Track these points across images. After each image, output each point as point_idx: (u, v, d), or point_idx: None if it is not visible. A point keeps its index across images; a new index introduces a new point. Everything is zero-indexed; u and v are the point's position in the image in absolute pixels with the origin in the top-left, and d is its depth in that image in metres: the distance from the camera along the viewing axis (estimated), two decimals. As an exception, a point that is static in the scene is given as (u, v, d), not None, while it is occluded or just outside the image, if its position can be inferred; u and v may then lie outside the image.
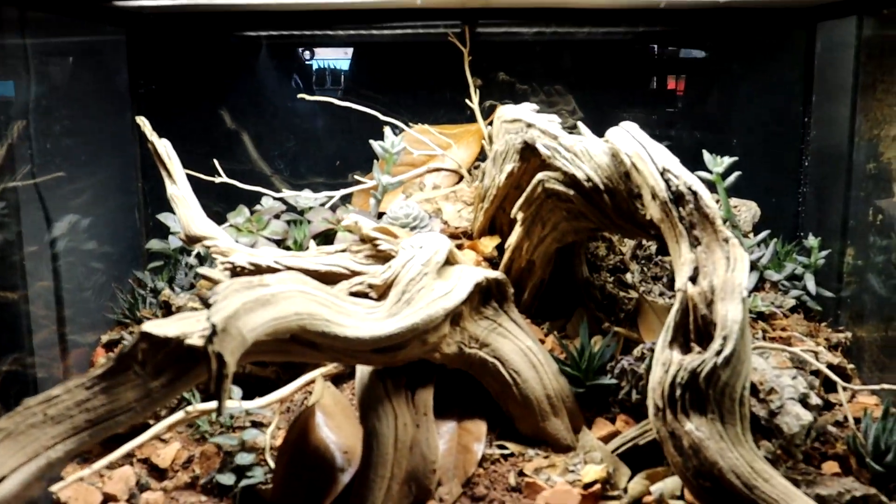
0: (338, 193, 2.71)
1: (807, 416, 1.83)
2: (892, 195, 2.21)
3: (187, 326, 1.49)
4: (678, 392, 1.61)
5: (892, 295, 2.20)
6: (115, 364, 1.48)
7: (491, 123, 2.51)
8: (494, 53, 2.79)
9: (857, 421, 1.97)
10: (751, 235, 2.55)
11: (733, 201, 2.57)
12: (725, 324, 1.61)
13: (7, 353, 2.05)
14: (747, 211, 2.60)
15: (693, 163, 2.34)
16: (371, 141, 2.58)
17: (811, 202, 2.72)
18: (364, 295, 1.88)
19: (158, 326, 1.47)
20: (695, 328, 1.67)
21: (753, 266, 2.46)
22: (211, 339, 1.39)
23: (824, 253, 2.46)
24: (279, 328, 1.56)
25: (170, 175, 2.20)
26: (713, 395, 1.59)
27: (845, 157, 2.43)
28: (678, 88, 2.83)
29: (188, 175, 2.30)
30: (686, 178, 1.81)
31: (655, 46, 2.83)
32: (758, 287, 2.49)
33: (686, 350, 1.66)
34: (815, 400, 1.92)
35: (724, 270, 1.69)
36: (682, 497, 1.77)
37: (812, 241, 2.46)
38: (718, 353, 1.58)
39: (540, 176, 2.12)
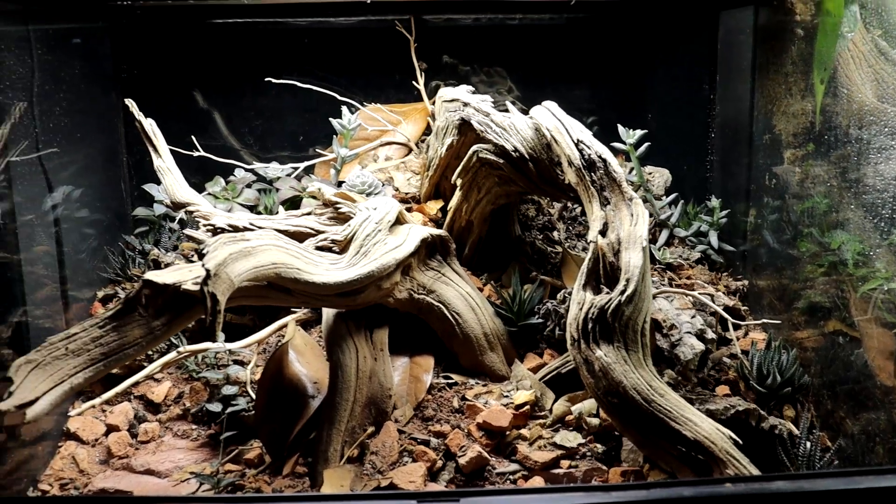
0: (302, 165, 2.75)
1: (700, 346, 2.03)
2: (783, 162, 2.32)
3: (181, 276, 1.66)
4: (590, 325, 1.77)
5: (783, 248, 2.31)
6: (122, 307, 1.64)
7: (435, 103, 2.60)
8: (439, 38, 2.83)
9: (747, 353, 2.13)
10: (663, 198, 2.64)
11: (648, 168, 2.70)
12: (629, 269, 1.78)
13: (17, 306, 2.10)
14: (660, 177, 2.70)
15: (614, 136, 2.50)
16: (331, 119, 2.64)
17: (717, 169, 2.78)
18: (328, 249, 2.03)
19: (158, 276, 1.64)
20: (604, 273, 1.83)
21: (664, 224, 2.58)
22: (206, 282, 1.56)
23: (725, 212, 2.56)
24: (259, 275, 1.72)
25: (156, 150, 2.28)
26: (618, 327, 1.76)
27: (746, 129, 2.50)
28: (600, 70, 2.87)
29: (170, 150, 2.35)
30: (597, 148, 1.96)
31: (579, 33, 2.86)
32: (668, 242, 2.59)
33: (597, 291, 1.81)
34: (710, 335, 2.11)
35: (628, 225, 1.85)
36: (597, 415, 1.93)
37: (714, 202, 2.58)
38: (622, 292, 1.75)
39: (475, 147, 2.24)
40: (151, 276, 1.66)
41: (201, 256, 1.65)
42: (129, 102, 2.30)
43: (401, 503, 1.40)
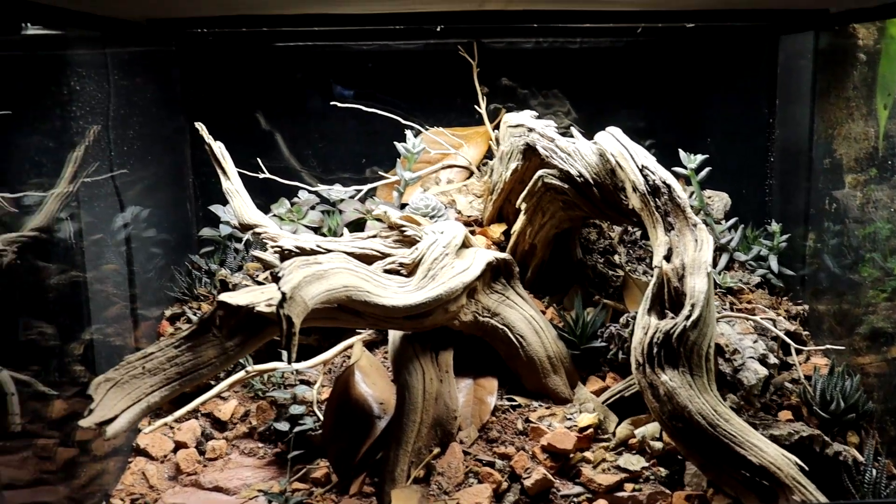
0: (366, 187, 2.82)
1: (763, 371, 2.03)
2: (844, 186, 2.32)
3: (255, 297, 1.70)
4: (655, 350, 1.79)
5: (843, 272, 2.31)
6: (197, 327, 1.69)
7: (497, 126, 2.65)
8: (498, 61, 2.87)
9: (809, 378, 2.14)
10: (722, 222, 2.66)
11: (707, 192, 2.70)
12: (693, 294, 1.80)
13: (88, 324, 2.14)
14: (720, 201, 2.72)
15: (673, 159, 2.51)
16: (395, 143, 2.68)
17: (776, 193, 2.78)
18: (395, 272, 2.05)
19: (232, 297, 1.69)
20: (669, 298, 1.85)
21: (724, 248, 2.60)
22: (282, 305, 1.59)
23: (785, 237, 2.57)
24: (331, 298, 1.76)
25: (224, 172, 2.35)
26: (683, 352, 1.77)
27: (805, 154, 2.51)
28: (659, 94, 2.90)
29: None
30: (661, 174, 1.98)
31: (639, 57, 2.90)
32: (728, 266, 2.61)
33: (662, 316, 1.83)
34: (772, 360, 2.12)
35: (693, 250, 1.87)
36: (660, 438, 1.95)
37: (775, 226, 2.58)
38: (688, 317, 1.76)
39: (540, 172, 2.28)
40: (226, 297, 1.70)
41: (276, 279, 1.68)
42: (199, 126, 2.36)
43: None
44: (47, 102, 2.10)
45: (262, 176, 2.72)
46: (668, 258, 1.91)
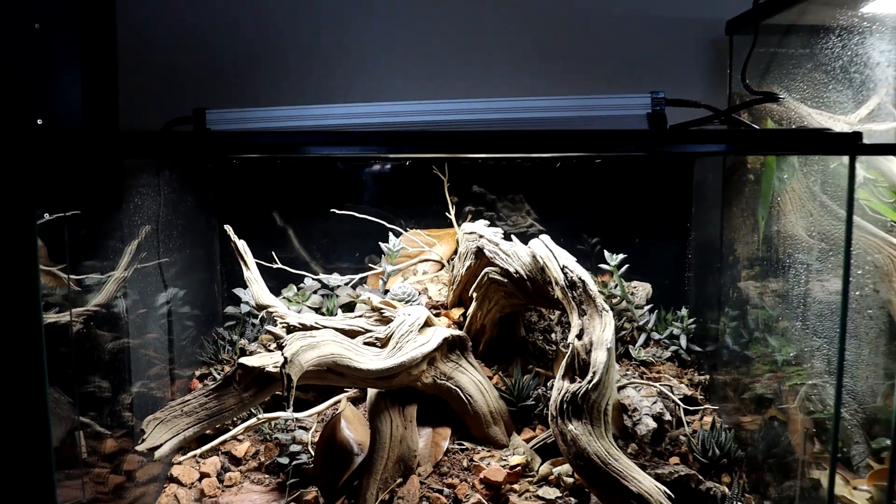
0: (357, 276, 2.95)
1: (653, 424, 2.31)
2: (741, 279, 2.51)
3: (264, 361, 2.07)
4: (564, 406, 2.07)
5: (740, 349, 2.51)
6: (222, 382, 2.07)
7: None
8: (470, 172, 3.01)
9: (696, 432, 2.41)
10: (643, 307, 2.89)
11: (634, 283, 2.92)
12: (596, 364, 2.08)
13: (136, 380, 2.33)
14: (643, 289, 2.94)
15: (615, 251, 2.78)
16: (380, 243, 2.89)
17: (693, 283, 2.98)
18: (373, 344, 2.35)
19: (248, 361, 2.06)
20: (578, 367, 2.12)
21: (642, 329, 2.84)
22: (284, 366, 1.94)
23: (692, 319, 2.80)
24: (321, 362, 2.08)
25: (245, 264, 2.59)
26: (586, 407, 2.05)
27: (716, 252, 2.68)
28: (598, 201, 3.03)
29: (255, 262, 2.62)
30: (578, 272, 2.26)
31: (582, 174, 2.98)
32: (645, 343, 2.83)
33: (573, 381, 2.10)
34: (668, 416, 2.39)
35: (599, 331, 2.14)
36: (571, 475, 2.23)
37: (684, 311, 2.83)
38: (590, 381, 2.05)
39: (486, 269, 2.54)
40: (244, 360, 2.08)
41: (280, 347, 2.02)
42: (227, 227, 2.57)
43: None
44: (114, 208, 2.27)
45: (275, 266, 2.89)
46: (579, 336, 2.14)
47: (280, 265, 2.95)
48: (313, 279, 3.00)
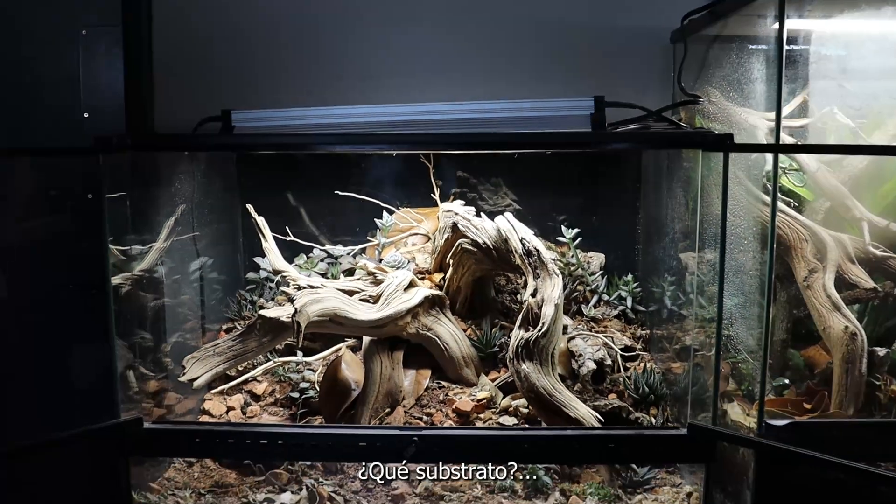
0: (357, 248, 3.14)
1: (593, 366, 2.61)
2: (679, 251, 2.68)
3: (280, 312, 2.43)
4: (520, 350, 2.34)
5: (676, 308, 2.67)
6: (245, 329, 2.44)
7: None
8: (456, 159, 3.18)
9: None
10: (597, 274, 3.07)
11: (590, 253, 3.12)
12: (545, 317, 2.36)
13: (173, 332, 2.58)
14: (597, 258, 3.14)
15: (581, 228, 3.04)
16: (376, 220, 3.09)
17: (642, 254, 3.16)
18: (367, 300, 2.60)
19: (267, 312, 2.42)
20: (531, 319, 2.37)
21: (595, 291, 3.00)
22: (295, 315, 2.28)
23: (636, 284, 3.02)
24: (324, 313, 2.41)
25: (264, 236, 2.78)
26: (536, 351, 2.33)
27: (662, 227, 2.77)
28: (565, 184, 3.23)
29: (273, 236, 2.81)
30: (534, 243, 2.51)
31: (554, 161, 3.16)
32: (597, 304, 3.01)
33: (527, 330, 2.37)
34: (608, 361, 2.74)
35: (549, 290, 2.43)
36: (527, 407, 2.48)
37: (629, 277, 3.04)
38: (540, 330, 2.35)
39: (460, 241, 2.75)
40: (263, 312, 2.43)
41: (292, 301, 2.36)
42: (249, 206, 2.76)
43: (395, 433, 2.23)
44: (160, 191, 2.50)
45: (288, 238, 3.07)
46: (533, 295, 2.41)
47: (293, 238, 3.13)
48: (320, 249, 3.17)
